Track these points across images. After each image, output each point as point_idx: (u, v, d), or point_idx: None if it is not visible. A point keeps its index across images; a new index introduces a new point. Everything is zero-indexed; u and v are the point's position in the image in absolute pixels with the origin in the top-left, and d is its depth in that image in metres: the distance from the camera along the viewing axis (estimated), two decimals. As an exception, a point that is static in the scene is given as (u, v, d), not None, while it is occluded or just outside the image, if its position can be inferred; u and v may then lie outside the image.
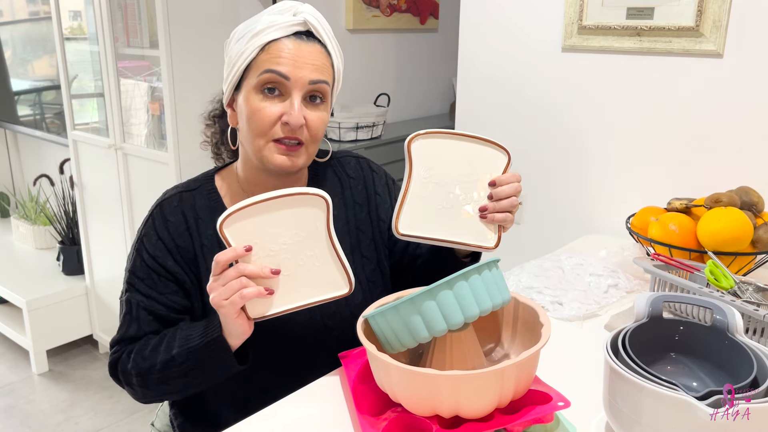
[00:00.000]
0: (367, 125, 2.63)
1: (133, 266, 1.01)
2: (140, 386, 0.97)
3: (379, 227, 1.13)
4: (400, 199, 0.96)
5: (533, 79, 1.77)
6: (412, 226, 0.96)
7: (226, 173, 1.08)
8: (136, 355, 0.96)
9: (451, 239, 0.97)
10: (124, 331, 1.00)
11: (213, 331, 0.90)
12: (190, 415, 1.10)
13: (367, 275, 1.10)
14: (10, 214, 3.55)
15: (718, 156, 1.50)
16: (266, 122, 0.95)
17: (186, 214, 1.02)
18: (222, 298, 0.83)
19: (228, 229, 0.83)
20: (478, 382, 0.73)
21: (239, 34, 0.98)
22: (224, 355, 0.91)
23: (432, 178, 0.96)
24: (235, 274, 0.83)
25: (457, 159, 0.96)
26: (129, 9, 2.24)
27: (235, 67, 0.97)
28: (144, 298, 0.99)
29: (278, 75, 0.94)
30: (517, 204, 0.97)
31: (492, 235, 0.98)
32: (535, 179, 1.82)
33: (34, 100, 3.28)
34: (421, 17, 3.16)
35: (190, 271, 1.01)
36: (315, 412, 0.89)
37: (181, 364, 0.92)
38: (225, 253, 0.84)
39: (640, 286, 1.31)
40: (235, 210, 0.83)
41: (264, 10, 0.98)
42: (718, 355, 0.81)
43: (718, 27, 1.43)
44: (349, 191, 1.12)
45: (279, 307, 0.87)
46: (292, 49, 0.95)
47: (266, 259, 0.86)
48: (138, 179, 2.37)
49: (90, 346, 2.89)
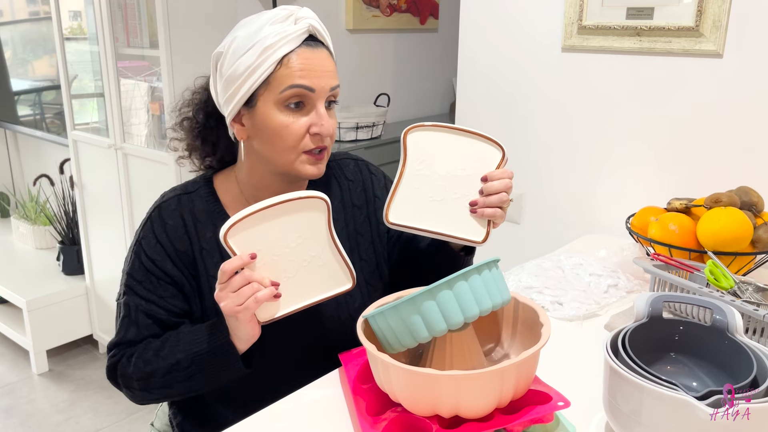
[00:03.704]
0: (367, 125, 2.63)
1: (131, 269, 1.01)
2: (141, 390, 0.97)
3: (378, 230, 1.13)
4: (393, 188, 0.97)
5: (533, 79, 1.77)
6: (403, 216, 0.97)
7: (224, 177, 1.07)
8: (137, 360, 0.96)
9: (440, 231, 0.97)
10: (122, 334, 1.00)
11: (221, 337, 0.91)
12: (189, 414, 1.11)
13: (366, 278, 1.10)
14: (10, 214, 3.55)
15: (718, 156, 1.50)
16: (296, 137, 0.96)
17: (184, 218, 1.02)
18: (235, 304, 0.84)
19: (232, 239, 0.85)
20: (478, 382, 0.73)
21: (241, 46, 0.93)
22: (232, 360, 0.91)
23: (425, 170, 0.97)
24: (243, 280, 0.84)
25: (451, 153, 0.97)
26: (129, 9, 2.24)
27: (248, 83, 0.93)
28: (143, 302, 0.99)
29: (304, 89, 0.94)
30: (507, 200, 0.97)
31: (481, 229, 0.98)
32: (534, 179, 1.82)
33: (34, 100, 3.28)
34: (421, 17, 3.16)
35: (189, 274, 1.01)
36: (315, 412, 0.89)
37: (186, 368, 0.93)
38: (231, 262, 0.84)
39: (640, 286, 1.31)
40: (238, 220, 0.84)
41: (260, 19, 0.95)
42: (718, 355, 0.81)
43: (718, 27, 1.43)
44: (348, 194, 1.13)
45: (286, 308, 0.90)
46: (309, 60, 0.95)
47: (271, 264, 0.88)
48: (138, 179, 2.37)
49: (90, 346, 2.88)
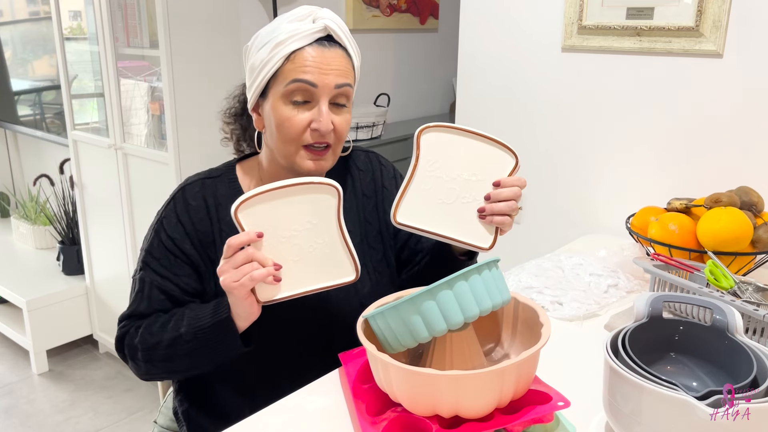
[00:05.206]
0: (367, 125, 2.63)
1: (150, 246, 1.04)
2: (144, 361, 0.99)
3: (385, 220, 1.15)
4: (402, 188, 0.96)
5: (533, 79, 1.77)
6: (411, 217, 0.96)
7: (247, 165, 1.11)
8: (144, 331, 0.99)
9: (447, 234, 0.97)
10: (134, 307, 1.03)
11: (222, 312, 0.92)
12: (195, 402, 1.12)
13: (374, 265, 1.13)
14: (10, 214, 3.55)
15: (718, 156, 1.50)
16: (296, 130, 0.98)
17: (207, 200, 1.05)
18: (232, 279, 0.86)
19: (242, 213, 0.86)
20: (478, 382, 0.73)
21: (260, 42, 0.99)
22: (231, 336, 0.93)
23: (437, 172, 0.96)
24: (245, 257, 0.86)
25: (464, 157, 0.96)
26: (129, 9, 2.24)
27: (260, 76, 0.99)
28: (158, 278, 1.02)
29: (306, 83, 0.97)
30: (517, 208, 0.97)
31: (489, 236, 0.98)
32: (534, 179, 1.82)
33: (34, 100, 3.28)
34: (421, 17, 3.15)
35: (206, 255, 1.03)
36: (315, 412, 0.89)
37: (188, 342, 0.94)
38: (237, 237, 0.86)
39: (640, 286, 1.31)
40: (250, 196, 0.85)
41: (283, 16, 0.99)
42: (718, 355, 0.81)
43: (718, 27, 1.43)
44: (359, 183, 1.15)
45: (287, 292, 0.90)
46: (317, 57, 0.97)
47: (277, 245, 0.88)
48: (138, 179, 2.37)
49: (90, 346, 2.88)
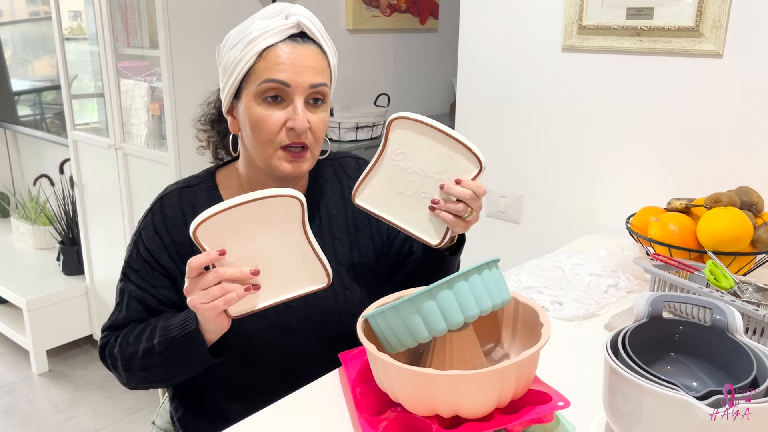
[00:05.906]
0: (367, 125, 2.63)
1: (129, 257, 1.04)
2: (124, 371, 0.99)
3: (377, 226, 1.14)
4: (367, 170, 0.97)
5: (533, 79, 1.77)
6: (369, 200, 0.99)
7: (227, 172, 1.09)
8: (122, 341, 1.00)
9: (400, 224, 0.99)
10: (114, 318, 1.04)
11: (189, 324, 0.91)
12: (191, 408, 1.11)
13: (366, 273, 1.11)
14: (10, 214, 3.55)
15: (718, 156, 1.50)
16: (271, 130, 0.96)
17: (185, 210, 1.04)
18: (200, 301, 0.84)
19: (201, 233, 0.82)
20: (478, 382, 0.73)
21: (232, 41, 0.97)
22: (198, 349, 0.92)
23: (402, 163, 0.97)
24: (214, 279, 0.83)
25: (431, 153, 0.96)
26: (129, 9, 2.24)
27: (233, 76, 0.97)
28: (136, 288, 1.02)
29: (279, 83, 0.94)
30: (466, 210, 0.94)
31: (439, 233, 0.98)
32: (534, 179, 1.82)
33: (34, 100, 3.28)
34: (421, 17, 3.15)
35: (183, 266, 1.01)
36: (315, 412, 0.89)
37: (160, 353, 0.94)
38: (198, 258, 0.83)
39: (640, 286, 1.31)
40: (208, 216, 0.82)
41: (255, 14, 0.97)
42: (718, 355, 0.81)
43: (718, 27, 1.43)
44: (349, 191, 1.13)
45: (258, 304, 0.88)
46: (290, 54, 0.95)
47: (243, 261, 0.85)
48: (138, 179, 2.37)
49: (90, 346, 2.88)
